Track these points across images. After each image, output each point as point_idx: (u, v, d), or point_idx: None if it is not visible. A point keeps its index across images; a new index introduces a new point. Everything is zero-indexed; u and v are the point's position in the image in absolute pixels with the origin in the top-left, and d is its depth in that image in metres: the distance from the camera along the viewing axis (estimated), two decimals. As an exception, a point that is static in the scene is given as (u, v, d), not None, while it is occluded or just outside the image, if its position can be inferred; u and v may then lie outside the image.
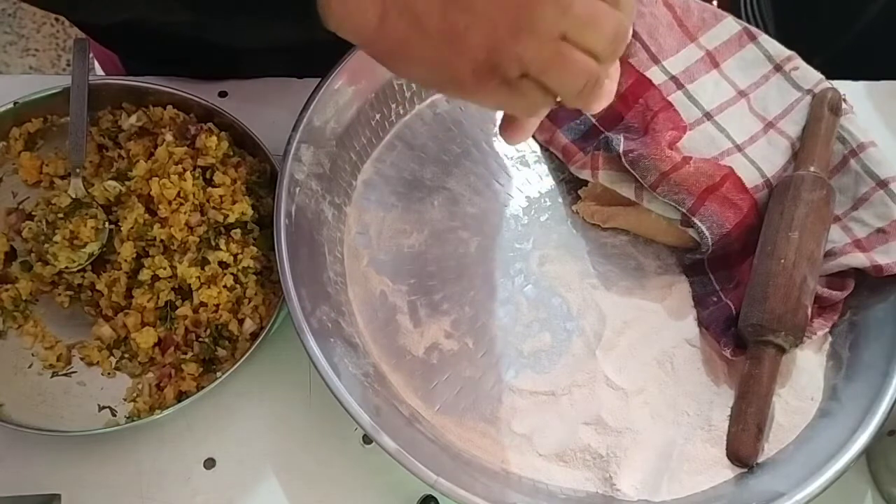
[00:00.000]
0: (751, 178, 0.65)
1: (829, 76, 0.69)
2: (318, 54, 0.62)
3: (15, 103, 0.66)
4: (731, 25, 0.71)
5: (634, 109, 0.67)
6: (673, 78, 0.68)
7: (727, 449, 0.58)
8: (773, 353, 0.59)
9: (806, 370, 0.62)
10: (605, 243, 0.67)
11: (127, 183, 0.63)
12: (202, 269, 0.61)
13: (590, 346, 0.62)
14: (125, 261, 0.61)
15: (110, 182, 0.64)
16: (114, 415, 0.59)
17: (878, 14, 0.88)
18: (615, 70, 0.46)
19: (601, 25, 0.40)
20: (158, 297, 0.60)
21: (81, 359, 0.61)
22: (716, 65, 0.70)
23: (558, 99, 0.43)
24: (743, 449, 0.57)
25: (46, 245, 0.62)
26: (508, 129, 0.48)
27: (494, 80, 0.41)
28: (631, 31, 0.43)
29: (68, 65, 1.79)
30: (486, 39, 0.39)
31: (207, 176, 0.64)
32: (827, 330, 0.62)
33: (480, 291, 0.64)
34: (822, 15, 0.92)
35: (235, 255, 0.62)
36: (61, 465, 0.58)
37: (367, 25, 0.41)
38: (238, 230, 0.63)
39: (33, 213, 0.64)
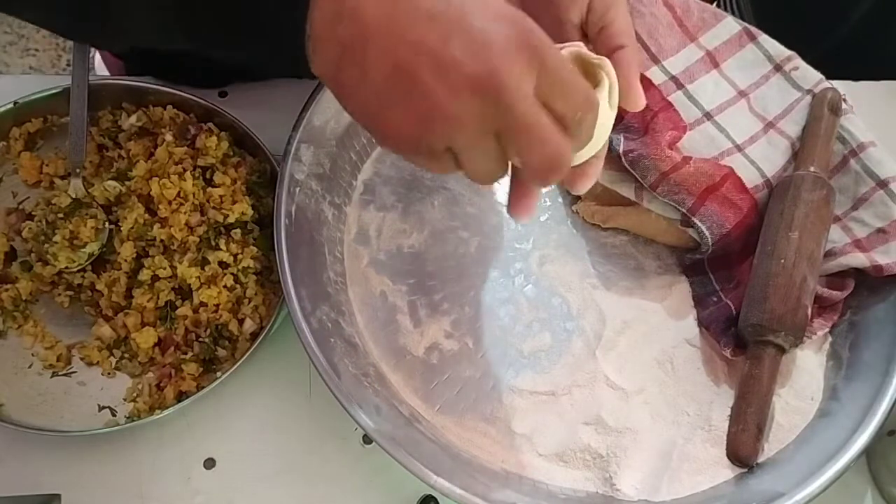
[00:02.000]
0: (751, 178, 0.65)
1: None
2: None
3: (15, 103, 0.66)
4: (731, 25, 0.71)
5: (634, 109, 0.67)
6: (673, 78, 0.68)
7: (727, 449, 0.58)
8: (773, 353, 0.59)
9: (806, 370, 0.62)
10: (605, 243, 0.67)
11: (127, 183, 0.63)
12: (202, 269, 0.61)
13: (590, 346, 0.62)
14: (125, 261, 0.61)
15: (110, 182, 0.64)
16: (114, 415, 0.59)
17: (862, 17, 0.88)
18: (603, 148, 0.45)
19: (573, 89, 0.40)
20: (158, 297, 0.60)
21: (81, 359, 0.61)
22: (716, 65, 0.70)
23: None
24: (743, 449, 0.57)
25: (46, 245, 0.62)
26: (520, 202, 0.45)
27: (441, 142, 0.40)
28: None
29: (68, 65, 1.78)
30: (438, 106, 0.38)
31: (207, 176, 0.64)
32: (827, 330, 0.62)
33: (480, 291, 0.64)
34: (804, 16, 0.91)
35: (235, 255, 0.62)
36: (61, 465, 0.58)
37: (330, 64, 0.40)
38: (238, 230, 0.63)
39: (33, 213, 0.64)
